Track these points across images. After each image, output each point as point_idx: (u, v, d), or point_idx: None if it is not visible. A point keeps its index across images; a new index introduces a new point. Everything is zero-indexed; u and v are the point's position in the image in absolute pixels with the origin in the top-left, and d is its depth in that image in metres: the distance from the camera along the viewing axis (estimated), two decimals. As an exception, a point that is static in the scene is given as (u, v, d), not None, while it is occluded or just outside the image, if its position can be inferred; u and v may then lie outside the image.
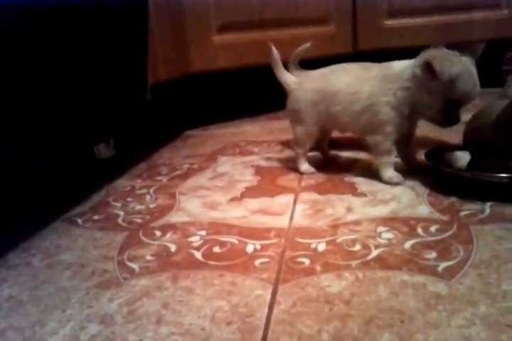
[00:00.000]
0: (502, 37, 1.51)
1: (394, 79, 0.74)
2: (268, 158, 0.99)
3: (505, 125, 0.68)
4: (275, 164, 0.94)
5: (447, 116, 0.71)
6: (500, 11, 1.46)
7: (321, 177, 0.83)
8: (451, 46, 0.73)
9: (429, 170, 0.77)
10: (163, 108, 1.38)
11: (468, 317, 0.41)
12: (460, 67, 0.68)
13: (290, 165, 0.90)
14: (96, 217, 0.73)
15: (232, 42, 1.31)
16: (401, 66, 0.74)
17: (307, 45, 0.89)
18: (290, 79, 0.87)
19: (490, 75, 1.68)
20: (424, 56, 0.71)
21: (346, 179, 0.81)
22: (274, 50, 0.87)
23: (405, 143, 0.80)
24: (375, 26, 1.44)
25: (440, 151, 0.80)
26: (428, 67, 0.68)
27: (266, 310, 0.45)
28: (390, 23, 1.44)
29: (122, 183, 0.89)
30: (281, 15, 1.34)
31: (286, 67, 0.89)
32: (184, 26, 1.21)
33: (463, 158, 0.78)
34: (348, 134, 0.88)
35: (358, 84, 0.76)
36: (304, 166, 0.86)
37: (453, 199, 0.68)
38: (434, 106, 0.71)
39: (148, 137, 1.21)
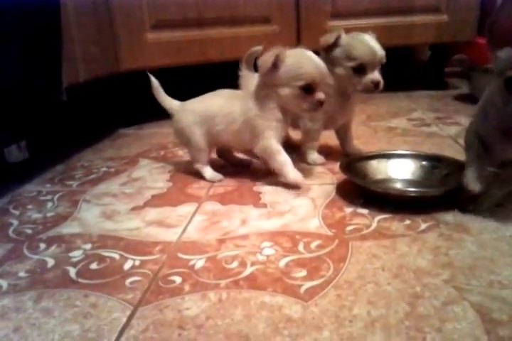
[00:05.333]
0: (442, 41, 1.52)
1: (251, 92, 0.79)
2: (189, 162, 0.97)
3: None
4: (193, 169, 0.93)
5: (307, 103, 0.75)
6: (440, 16, 1.47)
7: (231, 185, 0.83)
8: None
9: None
10: (91, 107, 1.35)
11: (308, 343, 0.41)
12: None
13: (207, 171, 0.88)
14: (-12, 227, 0.71)
15: (168, 40, 1.28)
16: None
17: (259, 47, 0.90)
18: (172, 103, 0.89)
19: (434, 78, 1.71)
20: None
21: (255, 188, 0.80)
22: (153, 79, 0.88)
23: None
24: (318, 27, 1.43)
25: (354, 161, 0.81)
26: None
27: (115, 335, 0.44)
28: (333, 24, 1.44)
29: (30, 188, 0.86)
30: (220, 13, 1.32)
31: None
32: (113, 23, 1.17)
33: (379, 168, 0.80)
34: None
35: (230, 105, 0.80)
36: (209, 174, 0.86)
37: (347, 212, 0.68)
38: (292, 97, 0.75)
39: (67, 138, 1.18)
